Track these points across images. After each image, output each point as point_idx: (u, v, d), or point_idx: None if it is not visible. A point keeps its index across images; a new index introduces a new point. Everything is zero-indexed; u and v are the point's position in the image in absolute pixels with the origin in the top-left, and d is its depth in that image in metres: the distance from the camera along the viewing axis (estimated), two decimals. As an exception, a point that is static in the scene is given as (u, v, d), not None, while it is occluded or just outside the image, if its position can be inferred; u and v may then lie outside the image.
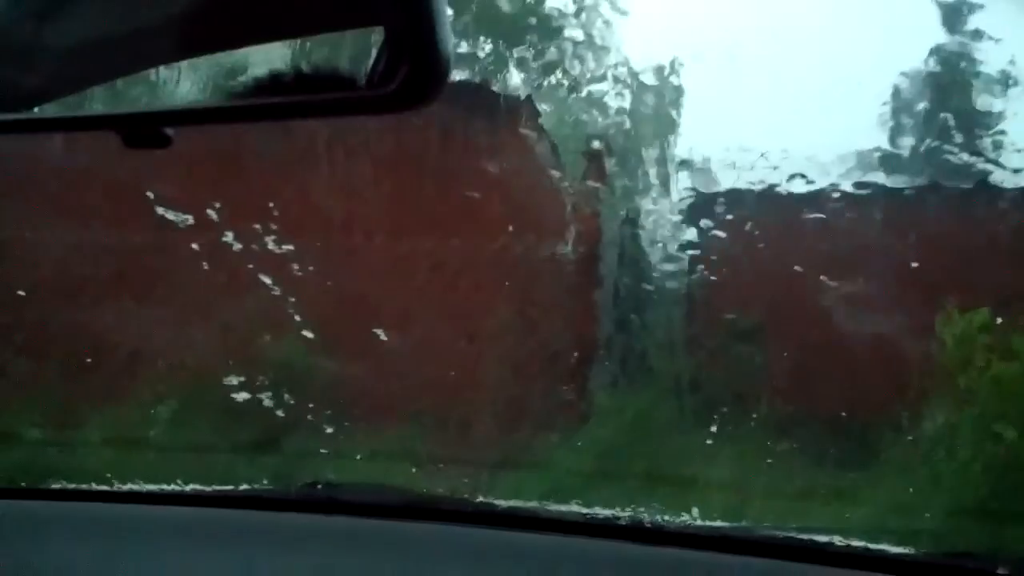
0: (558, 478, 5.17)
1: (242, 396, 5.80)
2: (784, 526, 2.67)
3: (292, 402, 5.83)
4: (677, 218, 9.86)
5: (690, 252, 8.65)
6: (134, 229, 6.66)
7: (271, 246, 6.83)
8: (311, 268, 6.87)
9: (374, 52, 1.17)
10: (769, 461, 5.78)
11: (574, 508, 2.46)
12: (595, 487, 4.85)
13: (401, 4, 1.08)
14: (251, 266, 6.51)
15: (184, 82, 1.31)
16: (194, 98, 1.32)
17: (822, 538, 2.25)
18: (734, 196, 8.40)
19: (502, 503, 2.66)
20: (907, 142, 15.32)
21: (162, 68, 1.29)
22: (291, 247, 6.92)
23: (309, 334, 6.23)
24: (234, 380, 5.86)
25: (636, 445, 5.98)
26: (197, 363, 6.14)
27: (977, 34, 15.00)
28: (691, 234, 8.69)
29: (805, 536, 2.27)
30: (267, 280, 6.59)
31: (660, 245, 9.48)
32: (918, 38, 15.05)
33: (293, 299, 6.55)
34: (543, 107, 8.58)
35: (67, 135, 6.03)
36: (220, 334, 6.26)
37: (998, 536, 4.49)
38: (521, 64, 14.60)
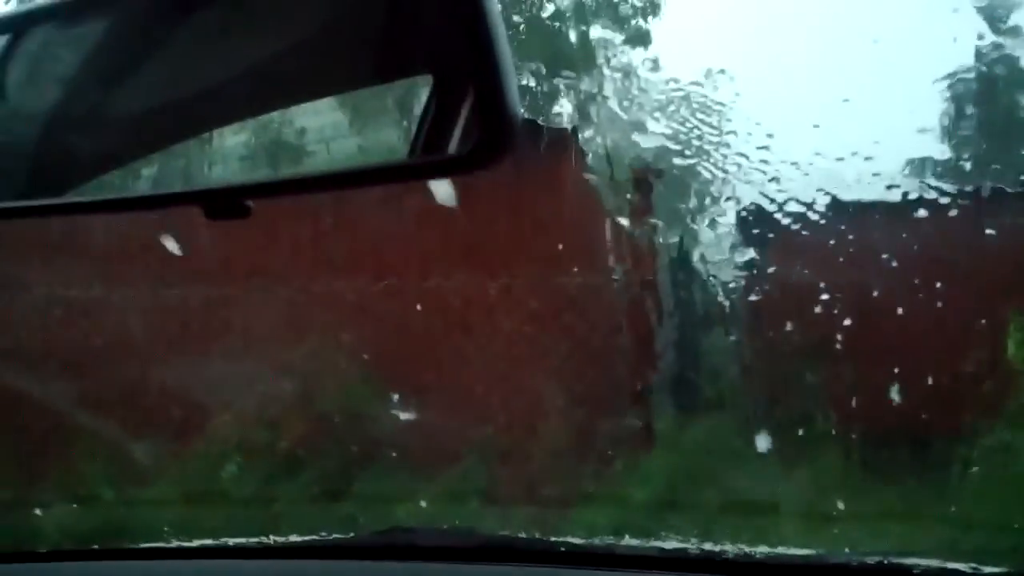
0: (627, 512, 5.12)
1: (308, 444, 5.84)
2: (860, 551, 2.62)
3: (355, 448, 5.85)
4: (732, 239, 9.79)
5: (743, 271, 8.58)
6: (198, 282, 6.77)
7: (330, 291, 6.91)
8: (369, 311, 6.93)
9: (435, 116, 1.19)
10: (840, 483, 5.68)
11: (648, 543, 2.45)
12: (664, 519, 4.80)
13: (473, 71, 1.11)
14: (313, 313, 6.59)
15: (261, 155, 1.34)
16: (271, 171, 1.35)
17: (897, 560, 2.21)
18: (791, 212, 8.32)
19: (575, 540, 2.64)
20: (961, 147, 15.10)
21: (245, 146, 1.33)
22: (350, 291, 7.00)
23: (370, 378, 6.27)
24: (299, 429, 5.90)
25: (702, 474, 5.91)
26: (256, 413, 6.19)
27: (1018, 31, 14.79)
28: (747, 254, 8.62)
29: (878, 559, 2.23)
30: (328, 325, 6.66)
31: (712, 265, 9.41)
32: (963, 40, 14.84)
33: (351, 342, 6.60)
34: (588, 135, 8.58)
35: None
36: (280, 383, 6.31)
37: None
38: (565, 93, 14.66)
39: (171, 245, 5.73)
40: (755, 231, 8.49)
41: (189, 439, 6.18)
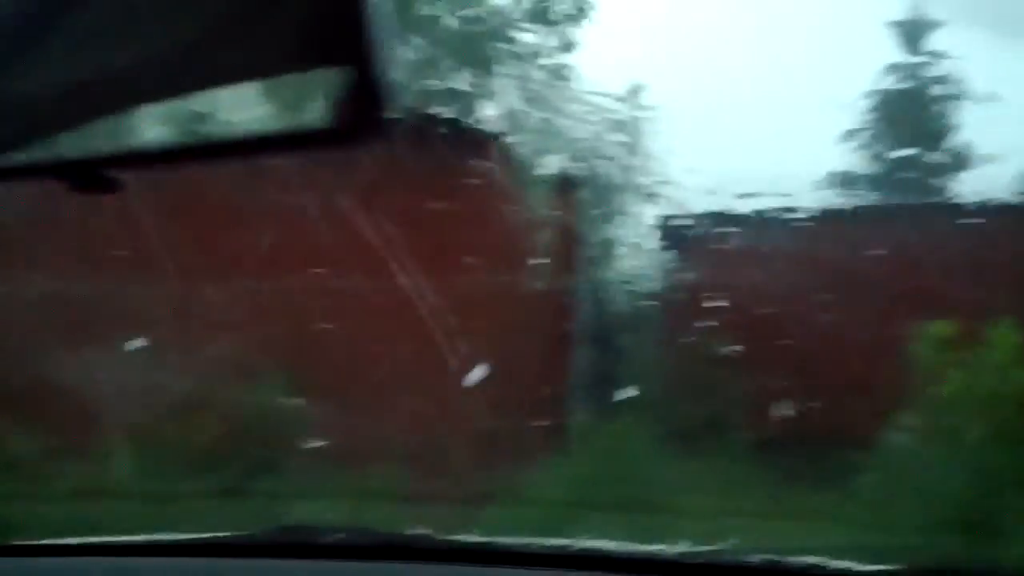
0: (538, 511, 5.16)
1: (221, 441, 5.77)
2: (762, 548, 2.66)
3: (268, 446, 5.80)
4: (648, 243, 9.95)
5: (661, 277, 8.72)
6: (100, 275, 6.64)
7: (241, 288, 6.83)
8: (281, 308, 6.87)
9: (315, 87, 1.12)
10: (747, 484, 5.80)
11: (553, 541, 2.44)
12: (576, 519, 4.84)
13: (342, 40, 1.04)
14: (221, 309, 6.51)
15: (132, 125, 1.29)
16: (140, 141, 1.29)
17: (798, 560, 2.26)
18: (705, 220, 8.49)
19: (479, 539, 2.63)
20: (871, 160, 15.54)
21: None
22: (261, 288, 6.93)
23: (283, 376, 6.21)
24: (212, 424, 5.83)
25: (615, 474, 5.98)
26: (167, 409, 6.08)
27: (935, 53, 15.29)
28: (661, 259, 8.77)
29: (780, 558, 2.27)
30: (237, 322, 6.58)
31: (632, 271, 9.54)
32: (878, 58, 15.30)
33: (263, 340, 6.54)
34: (513, 139, 8.64)
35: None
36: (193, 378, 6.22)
37: (973, 549, 4.54)
38: (491, 96, 14.69)
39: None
40: (671, 239, 8.65)
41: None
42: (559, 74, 15.33)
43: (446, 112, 7.89)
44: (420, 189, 7.38)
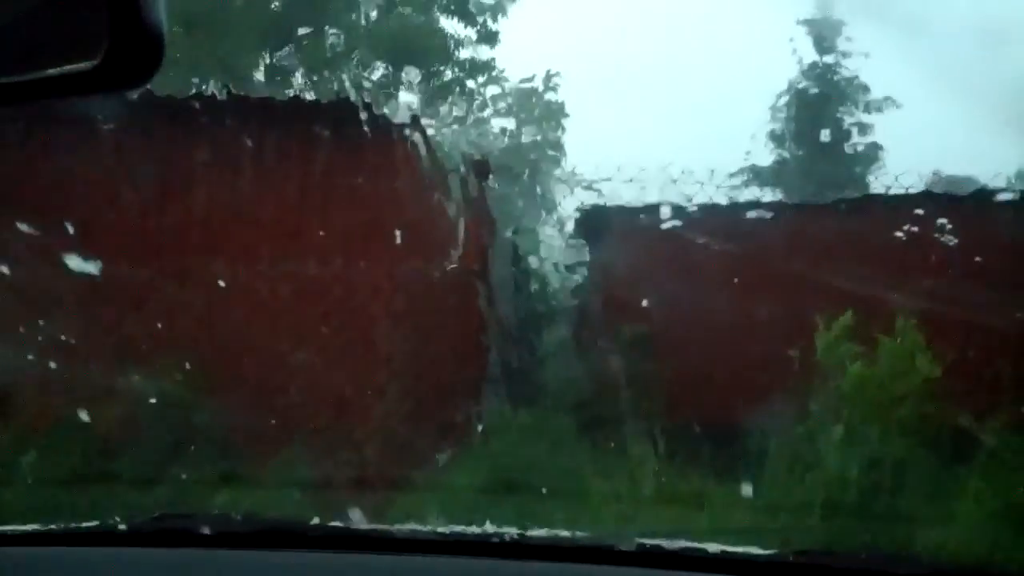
0: (449, 496, 5.20)
1: (122, 429, 5.68)
2: (662, 533, 2.72)
3: (174, 434, 5.73)
4: (563, 235, 10.05)
5: (576, 268, 8.83)
6: None
7: (145, 273, 6.72)
8: (191, 296, 6.79)
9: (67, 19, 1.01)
10: (650, 472, 5.93)
11: (455, 528, 2.41)
12: (487, 505, 4.90)
13: None
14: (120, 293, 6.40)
15: None
16: None
17: (695, 544, 2.29)
18: (617, 212, 8.62)
19: (363, 526, 2.55)
20: (781, 156, 15.89)
21: None
22: (170, 273, 6.84)
23: (190, 364, 6.13)
24: (115, 411, 5.74)
25: (527, 462, 6.06)
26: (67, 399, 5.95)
27: (844, 53, 15.68)
28: (576, 250, 8.87)
29: (680, 544, 2.28)
30: (141, 307, 6.47)
31: (547, 262, 9.63)
32: (790, 57, 15.64)
33: (172, 328, 6.46)
34: (429, 130, 8.62)
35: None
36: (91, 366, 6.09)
37: (864, 533, 4.72)
38: (408, 87, 14.65)
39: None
40: (585, 229, 8.75)
41: None
42: (478, 65, 15.38)
43: (361, 101, 7.84)
44: (335, 177, 7.35)
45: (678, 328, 7.31)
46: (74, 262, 5.59)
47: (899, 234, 7.66)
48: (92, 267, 5.69)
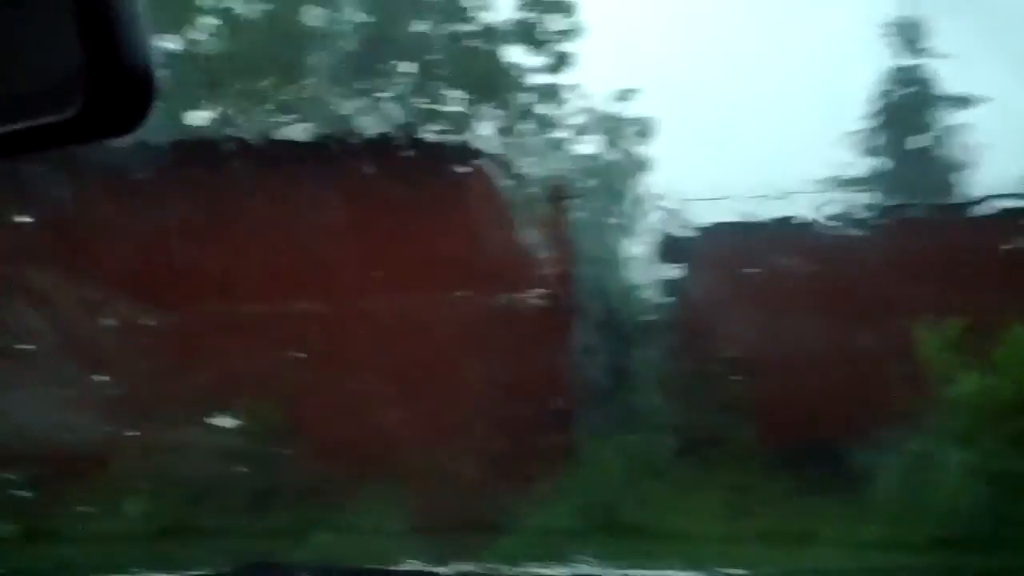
0: (538, 538, 5.00)
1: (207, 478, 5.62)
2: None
3: (258, 480, 5.64)
4: (649, 255, 9.82)
5: (664, 289, 8.59)
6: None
7: (242, 313, 6.73)
8: (281, 333, 6.75)
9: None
10: (759, 499, 5.63)
11: (549, 569, 2.25)
12: (583, 544, 4.66)
13: (90, 24, 0.85)
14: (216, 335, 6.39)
15: None
16: None
17: None
18: (706, 229, 8.37)
19: (467, 567, 2.43)
20: (873, 163, 15.43)
21: None
22: (259, 312, 6.83)
23: (278, 400, 6.07)
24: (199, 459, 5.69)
25: (623, 495, 5.82)
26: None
27: (932, 53, 15.19)
28: (665, 272, 8.64)
29: None
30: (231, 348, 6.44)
31: (633, 283, 9.42)
32: (873, 62, 15.22)
33: (257, 367, 6.40)
34: (506, 157, 8.53)
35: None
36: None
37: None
38: (488, 115, 14.63)
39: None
40: (672, 248, 8.52)
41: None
42: (553, 89, 15.29)
43: (438, 130, 7.80)
44: (414, 211, 7.29)
45: (775, 346, 7.01)
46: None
47: (1003, 240, 7.30)
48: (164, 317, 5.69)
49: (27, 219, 6.53)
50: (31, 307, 5.91)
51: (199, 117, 12.35)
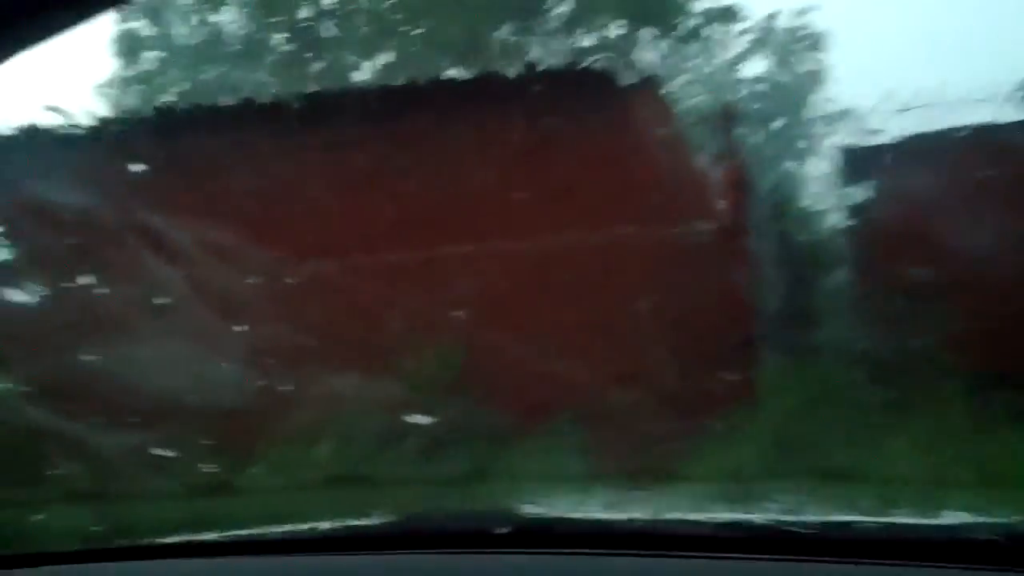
0: (730, 480, 4.79)
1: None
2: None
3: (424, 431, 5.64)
4: (830, 175, 9.32)
5: (846, 210, 8.15)
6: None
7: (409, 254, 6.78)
8: (456, 268, 6.77)
9: None
10: (964, 435, 5.23)
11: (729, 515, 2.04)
12: (776, 490, 4.40)
13: None
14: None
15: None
16: None
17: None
18: (888, 145, 7.85)
19: (638, 517, 2.17)
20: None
21: None
22: (431, 251, 6.87)
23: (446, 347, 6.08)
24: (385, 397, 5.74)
25: (815, 430, 5.53)
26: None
27: None
28: (845, 190, 8.19)
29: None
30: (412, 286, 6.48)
31: (813, 206, 8.99)
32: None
33: (441, 304, 6.41)
34: (674, 84, 8.25)
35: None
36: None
37: None
38: (647, 44, 14.24)
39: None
40: (854, 166, 8.04)
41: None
42: (718, 11, 14.72)
43: (602, 60, 7.59)
44: (580, 145, 7.16)
45: (972, 268, 6.52)
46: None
47: None
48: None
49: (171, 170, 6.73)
50: (175, 261, 6.07)
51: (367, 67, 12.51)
